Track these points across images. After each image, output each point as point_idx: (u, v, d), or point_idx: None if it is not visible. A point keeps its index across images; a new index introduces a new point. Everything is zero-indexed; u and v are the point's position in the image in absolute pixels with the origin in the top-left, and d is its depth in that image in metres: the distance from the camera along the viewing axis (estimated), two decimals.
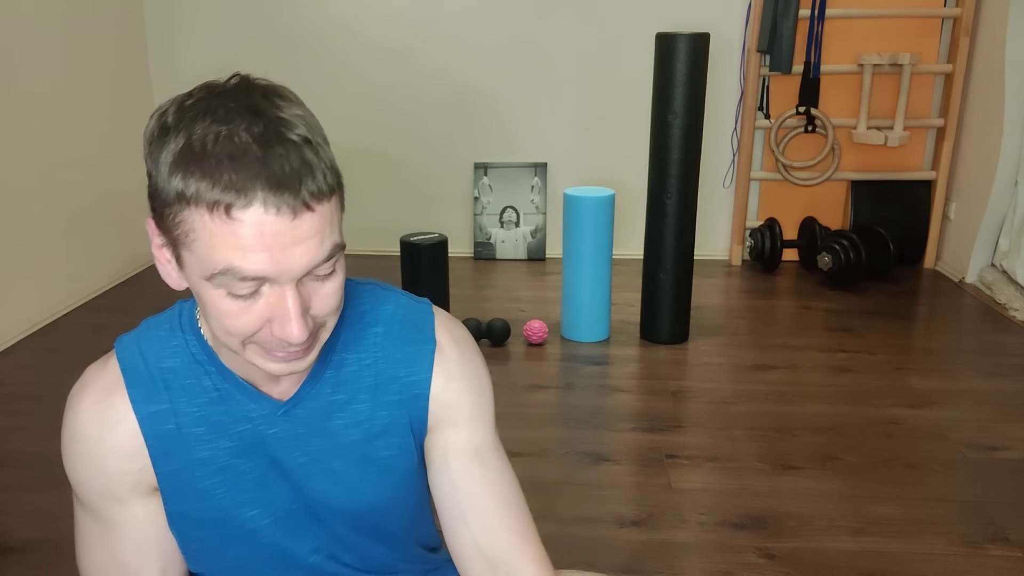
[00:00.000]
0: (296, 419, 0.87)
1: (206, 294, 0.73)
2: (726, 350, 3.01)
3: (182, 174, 0.68)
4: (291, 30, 3.89)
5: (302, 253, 0.70)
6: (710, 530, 1.95)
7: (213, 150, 0.68)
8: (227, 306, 0.72)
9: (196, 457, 0.86)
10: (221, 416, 0.86)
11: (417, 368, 0.89)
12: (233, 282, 0.70)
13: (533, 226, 4.07)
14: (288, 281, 0.71)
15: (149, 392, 0.85)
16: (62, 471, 0.90)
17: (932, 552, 1.87)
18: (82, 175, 3.46)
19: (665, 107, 2.84)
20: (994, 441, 2.35)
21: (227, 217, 0.67)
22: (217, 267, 0.69)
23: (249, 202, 0.67)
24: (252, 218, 0.67)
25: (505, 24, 3.87)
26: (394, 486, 0.92)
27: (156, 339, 0.88)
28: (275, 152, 0.68)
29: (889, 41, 3.74)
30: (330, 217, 0.72)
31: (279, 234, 0.68)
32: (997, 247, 3.59)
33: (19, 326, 3.09)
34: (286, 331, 0.72)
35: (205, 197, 0.67)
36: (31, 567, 1.84)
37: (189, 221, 0.69)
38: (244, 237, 0.68)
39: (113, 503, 0.87)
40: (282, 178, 0.68)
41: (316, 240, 0.71)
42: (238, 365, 0.85)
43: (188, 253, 0.71)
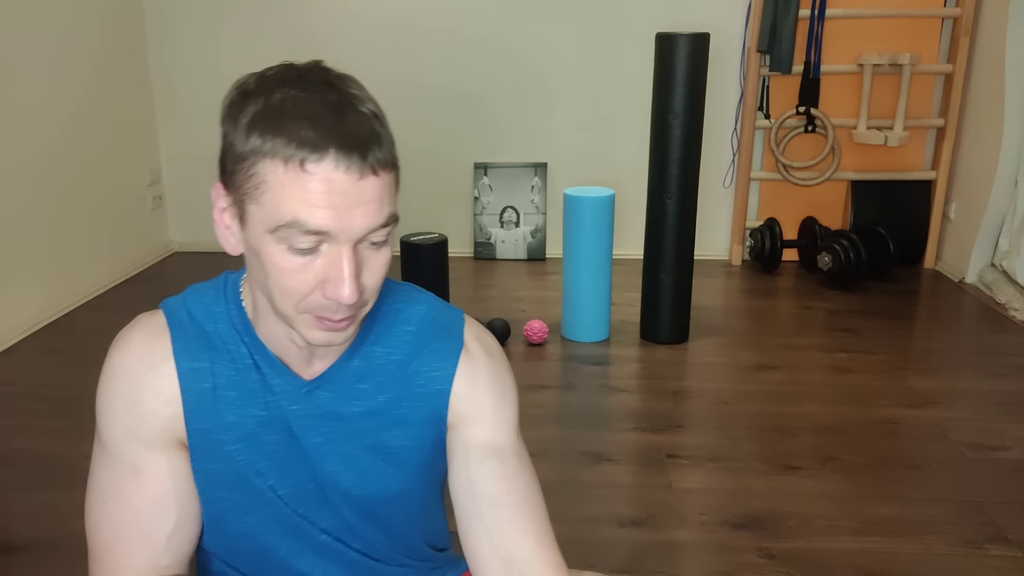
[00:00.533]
0: (317, 400, 0.90)
1: (265, 250, 0.76)
2: (726, 350, 3.01)
3: (260, 130, 0.74)
4: (291, 30, 3.89)
5: (363, 214, 0.74)
6: (710, 530, 1.95)
7: (292, 110, 0.73)
8: (286, 262, 0.76)
9: (225, 420, 0.88)
10: (254, 384, 0.89)
11: (441, 364, 0.92)
12: (296, 235, 0.73)
13: (533, 226, 4.07)
14: (347, 241, 0.75)
15: (192, 348, 0.88)
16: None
17: (932, 552, 1.87)
18: (82, 175, 3.46)
19: (665, 107, 2.84)
20: (994, 441, 2.35)
21: (300, 170, 0.72)
22: (284, 219, 0.73)
23: (322, 157, 0.72)
24: (323, 173, 0.72)
25: (505, 24, 3.87)
26: (403, 477, 0.94)
27: (201, 303, 0.91)
28: (348, 118, 0.74)
29: (889, 41, 3.74)
30: (390, 188, 0.77)
31: (346, 192, 0.73)
32: (997, 247, 3.59)
33: (19, 326, 3.09)
34: (339, 291, 0.75)
35: (281, 151, 0.72)
36: (33, 566, 1.84)
37: (262, 174, 0.74)
38: (313, 191, 0.72)
39: (139, 446, 0.87)
40: (354, 140, 0.73)
41: (376, 204, 0.75)
42: (272, 340, 0.88)
43: (255, 207, 0.75)
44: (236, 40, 3.92)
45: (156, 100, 4.04)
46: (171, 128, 4.07)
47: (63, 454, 2.27)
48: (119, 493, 0.88)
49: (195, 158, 4.10)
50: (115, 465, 0.88)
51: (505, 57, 3.91)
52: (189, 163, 4.11)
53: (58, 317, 3.28)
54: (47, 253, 3.25)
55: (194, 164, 4.11)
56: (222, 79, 3.96)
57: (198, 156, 4.09)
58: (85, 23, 3.48)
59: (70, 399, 2.61)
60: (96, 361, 3.07)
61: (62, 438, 2.36)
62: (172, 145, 4.10)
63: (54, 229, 3.29)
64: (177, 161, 4.11)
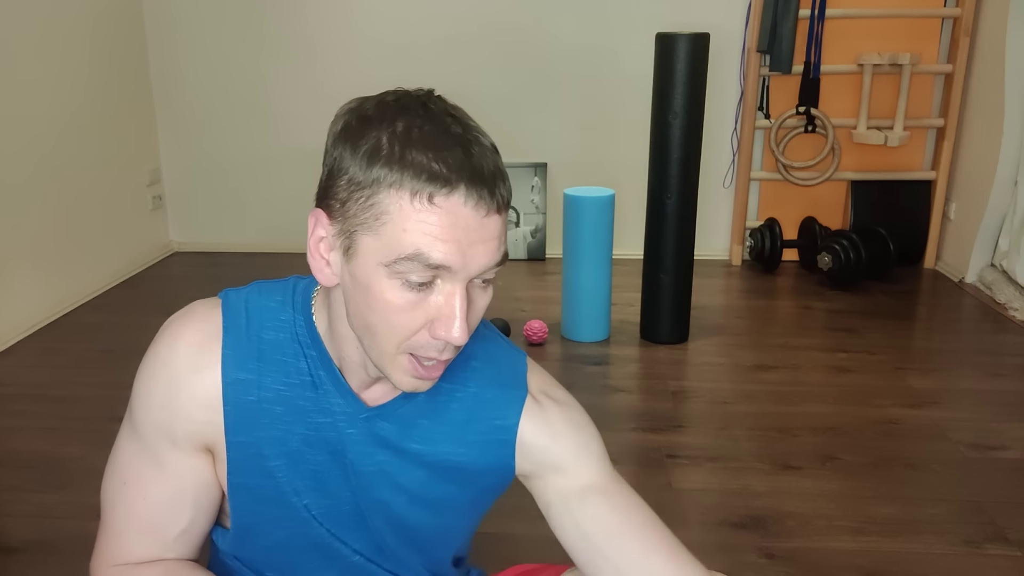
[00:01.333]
0: (376, 428, 0.88)
1: (377, 285, 0.73)
2: (726, 350, 3.01)
3: (385, 160, 0.71)
4: (291, 30, 3.89)
5: (484, 252, 0.73)
6: (710, 530, 1.95)
7: (418, 141, 0.71)
8: (398, 298, 0.73)
9: (268, 434, 0.86)
10: (305, 402, 0.86)
11: (505, 413, 0.89)
12: (415, 269, 0.71)
13: (533, 226, 4.07)
14: (464, 278, 0.73)
15: (242, 358, 0.85)
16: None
17: (932, 552, 1.87)
18: (82, 175, 3.46)
19: (665, 107, 2.84)
20: (994, 441, 2.35)
21: (429, 203, 0.70)
22: (405, 251, 0.71)
23: (451, 192, 0.70)
24: (451, 207, 0.70)
25: (505, 24, 3.87)
26: (455, 518, 0.94)
27: (265, 307, 0.88)
28: (475, 152, 0.72)
29: (889, 41, 3.74)
30: (506, 226, 0.76)
31: (470, 229, 0.71)
32: (997, 247, 3.59)
33: (19, 326, 3.09)
34: (450, 331, 0.73)
35: (409, 183, 0.70)
36: (31, 567, 1.84)
37: (384, 204, 0.71)
38: (439, 225, 0.70)
39: (166, 443, 0.86)
40: (483, 175, 0.71)
41: (496, 243, 0.74)
42: (343, 361, 0.85)
43: (371, 238, 0.72)
44: (236, 40, 3.92)
45: (156, 100, 4.03)
46: (171, 128, 4.07)
47: (62, 455, 2.27)
48: (138, 480, 0.87)
49: (195, 158, 4.10)
50: (140, 450, 0.87)
51: (505, 57, 3.91)
52: (189, 163, 4.11)
53: (58, 317, 3.28)
54: (47, 253, 3.25)
55: (194, 164, 4.11)
56: (222, 79, 3.97)
57: (198, 156, 4.09)
58: (85, 23, 3.48)
59: (69, 400, 2.61)
60: (96, 361, 3.06)
61: (61, 439, 2.36)
62: (172, 145, 4.10)
63: (54, 229, 3.28)
64: (177, 161, 4.11)
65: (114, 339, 3.03)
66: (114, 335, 3.07)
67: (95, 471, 2.14)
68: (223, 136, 4.03)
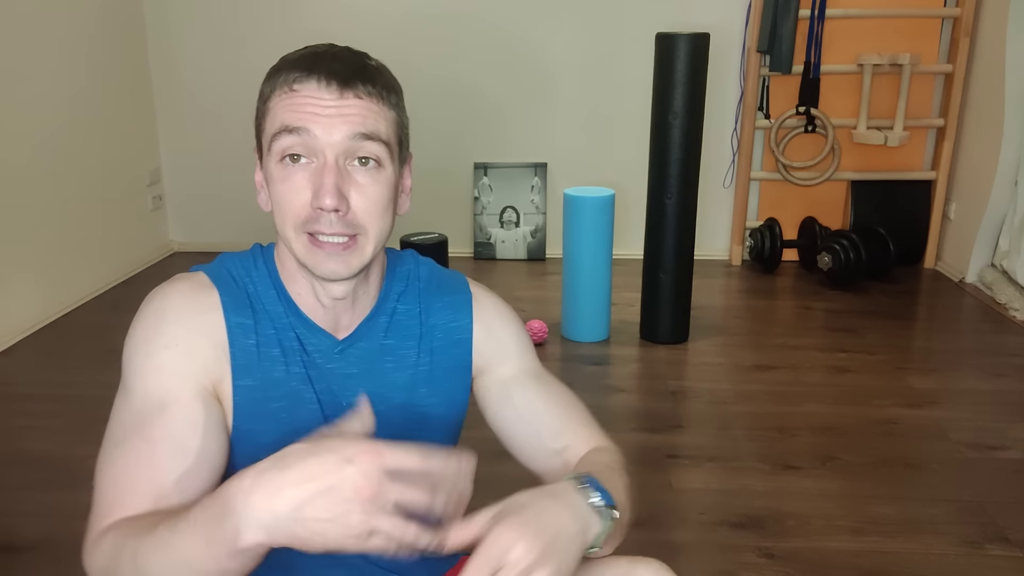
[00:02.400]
0: (350, 358, 0.95)
1: (270, 171, 0.86)
2: (726, 350, 3.01)
3: (270, 76, 0.86)
4: (290, 30, 3.89)
5: (342, 123, 0.82)
6: (710, 530, 1.95)
7: (296, 56, 0.86)
8: (280, 172, 0.84)
9: (271, 376, 0.91)
10: (292, 342, 0.92)
11: (457, 315, 1.00)
12: (284, 140, 0.83)
13: (533, 226, 4.07)
14: (331, 151, 0.82)
15: (238, 304, 0.91)
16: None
17: (932, 552, 1.87)
18: (82, 175, 3.46)
19: (665, 107, 2.84)
20: (994, 441, 2.36)
21: (290, 90, 0.83)
22: (275, 127, 0.83)
23: (309, 76, 0.83)
24: (309, 90, 0.82)
25: (505, 24, 3.87)
26: (428, 437, 0.97)
27: (241, 264, 0.95)
28: (344, 57, 0.85)
29: (889, 41, 3.74)
30: (378, 114, 0.85)
31: (328, 106, 0.82)
32: (997, 247, 3.59)
33: (19, 326, 3.09)
34: (322, 196, 0.82)
35: (279, 82, 0.84)
36: (35, 567, 1.84)
37: (268, 107, 0.85)
38: (300, 104, 0.82)
39: (174, 379, 0.85)
40: (343, 68, 0.83)
41: (359, 119, 0.83)
42: (301, 299, 0.93)
43: (263, 137, 0.86)
44: (236, 40, 3.92)
45: (156, 100, 4.04)
46: (171, 128, 4.07)
47: (63, 454, 2.27)
48: (139, 429, 0.84)
49: (195, 158, 4.10)
50: (139, 408, 0.85)
51: (505, 57, 3.91)
52: (189, 163, 4.11)
53: (58, 317, 3.28)
54: (47, 253, 3.25)
55: (194, 164, 4.11)
56: (222, 79, 3.97)
57: (198, 156, 4.09)
58: (85, 23, 3.48)
59: (70, 399, 2.61)
60: (96, 361, 3.06)
61: (62, 438, 2.36)
62: (172, 145, 4.10)
63: (54, 229, 3.29)
64: (177, 161, 4.11)
65: (114, 339, 3.01)
66: (114, 335, 3.05)
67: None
68: (223, 136, 4.03)
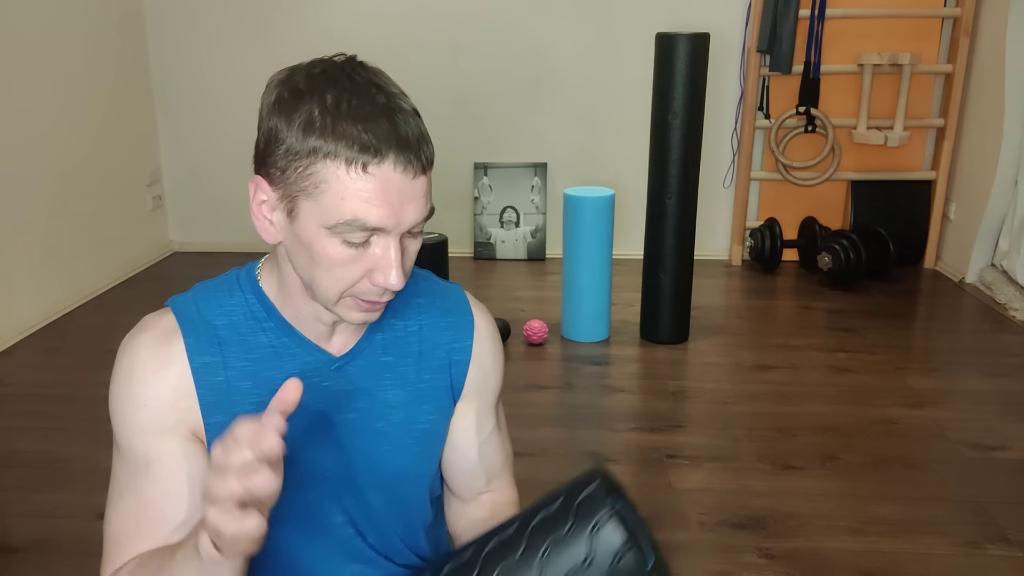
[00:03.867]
0: (348, 375, 0.94)
1: (319, 244, 0.81)
2: (726, 350, 3.01)
3: (319, 132, 0.78)
4: (290, 31, 3.89)
5: (414, 209, 0.81)
6: (710, 530, 1.95)
7: (347, 113, 0.78)
8: (340, 255, 0.81)
9: (242, 410, 0.88)
10: (272, 371, 0.91)
11: (459, 336, 1.00)
12: (353, 231, 0.79)
13: (533, 226, 4.07)
14: (397, 234, 0.81)
15: (203, 344, 0.90)
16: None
17: (932, 552, 1.87)
18: (83, 175, 3.46)
19: (665, 107, 2.84)
20: (994, 441, 2.35)
21: (363, 172, 0.78)
22: (344, 217, 0.78)
23: (382, 160, 0.78)
24: (383, 175, 0.78)
25: (505, 24, 3.87)
26: (427, 454, 0.99)
27: (212, 298, 0.93)
28: (399, 120, 0.80)
29: (889, 41, 3.74)
30: (430, 182, 0.84)
31: (401, 192, 0.79)
32: (997, 247, 3.59)
33: (19, 326, 3.09)
34: (388, 278, 0.81)
35: (343, 153, 0.77)
36: (32, 567, 1.84)
37: (321, 174, 0.78)
38: (372, 191, 0.78)
39: (153, 439, 0.88)
40: (408, 142, 0.79)
41: (424, 200, 0.83)
42: (297, 319, 0.91)
43: (311, 204, 0.79)
44: (236, 41, 3.92)
45: (156, 100, 4.04)
46: (171, 128, 4.07)
47: (63, 454, 2.27)
48: (131, 488, 0.88)
49: (195, 158, 4.10)
50: (129, 464, 0.89)
51: (505, 57, 3.91)
52: (189, 163, 4.11)
53: (58, 317, 3.28)
54: (47, 253, 3.25)
55: (194, 164, 4.11)
56: (222, 79, 3.97)
57: (198, 156, 4.09)
58: (85, 24, 3.48)
59: (70, 399, 2.61)
60: (96, 361, 3.06)
61: (62, 438, 2.36)
62: (172, 145, 4.10)
63: (54, 229, 3.29)
64: (177, 161, 4.11)
65: (114, 339, 3.00)
66: (114, 335, 3.05)
67: (97, 471, 2.14)
68: (223, 136, 4.03)
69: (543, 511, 0.71)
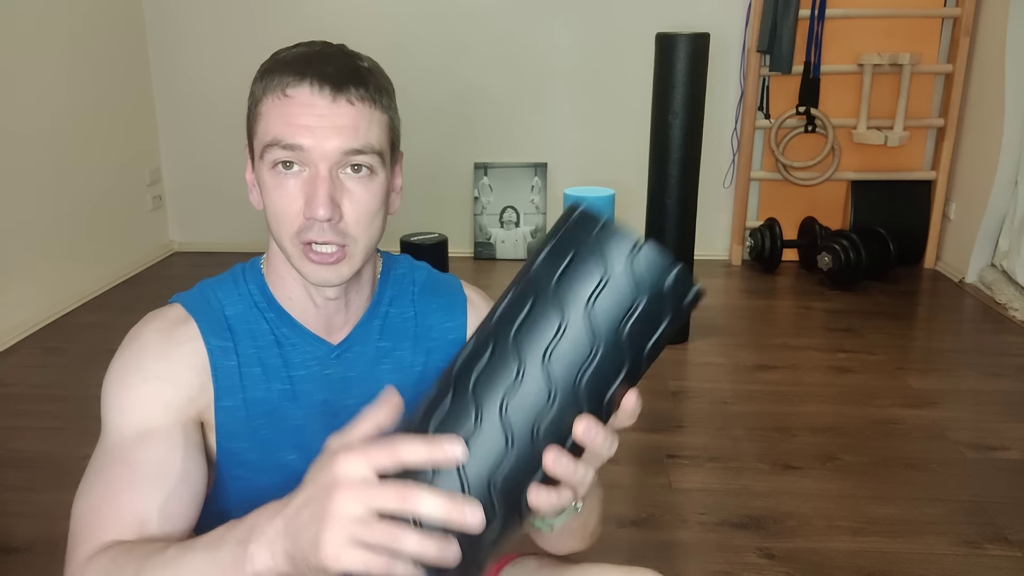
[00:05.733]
0: (347, 362, 0.95)
1: (263, 178, 0.85)
2: (726, 350, 3.01)
3: (261, 76, 0.85)
4: (290, 30, 3.89)
5: (336, 135, 0.81)
6: (710, 530, 1.95)
7: (290, 58, 0.84)
8: (273, 181, 0.83)
9: (252, 396, 0.91)
10: (275, 359, 0.92)
11: (452, 316, 1.00)
12: (278, 151, 0.82)
13: (533, 226, 4.07)
14: (324, 162, 0.81)
15: (216, 328, 0.90)
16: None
17: (932, 552, 1.87)
18: (82, 176, 3.46)
19: (665, 107, 2.84)
20: (994, 441, 2.35)
21: (283, 96, 0.82)
22: (268, 138, 0.82)
23: (301, 82, 0.81)
24: (301, 97, 0.81)
25: (505, 24, 3.87)
26: None
27: (220, 290, 0.94)
28: (335, 59, 0.83)
29: (889, 41, 3.74)
30: (371, 121, 0.83)
31: (322, 116, 0.81)
32: (997, 247, 3.59)
33: (19, 326, 3.09)
34: (315, 206, 0.81)
35: (271, 85, 0.83)
36: (32, 567, 1.84)
37: (260, 111, 0.84)
38: (293, 113, 0.81)
39: (155, 409, 0.84)
40: (334, 73, 0.82)
41: (352, 130, 0.82)
42: (293, 305, 0.93)
43: (255, 141, 0.85)
44: (236, 40, 3.92)
45: (156, 100, 4.04)
46: (171, 128, 4.07)
47: (62, 455, 2.27)
48: (119, 456, 0.83)
49: (195, 158, 4.10)
50: (117, 439, 0.84)
51: (505, 57, 3.91)
52: (189, 163, 4.11)
53: (58, 317, 3.28)
54: (47, 253, 3.25)
55: (194, 164, 4.11)
56: (222, 79, 3.97)
57: (198, 156, 4.09)
58: (85, 23, 3.48)
59: (70, 399, 2.61)
60: (96, 361, 3.06)
61: (61, 439, 2.36)
62: (172, 145, 4.10)
63: (54, 229, 3.29)
64: (177, 161, 4.11)
65: (114, 339, 3.00)
66: (114, 335, 3.05)
67: None
68: (223, 136, 4.03)
69: (536, 260, 0.63)
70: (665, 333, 0.62)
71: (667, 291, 0.60)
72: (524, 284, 0.62)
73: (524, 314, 0.60)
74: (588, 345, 0.59)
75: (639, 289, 0.59)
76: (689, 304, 0.62)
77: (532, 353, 0.59)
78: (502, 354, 0.60)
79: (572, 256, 0.60)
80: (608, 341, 0.59)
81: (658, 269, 0.59)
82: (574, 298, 0.59)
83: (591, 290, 0.59)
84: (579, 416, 0.60)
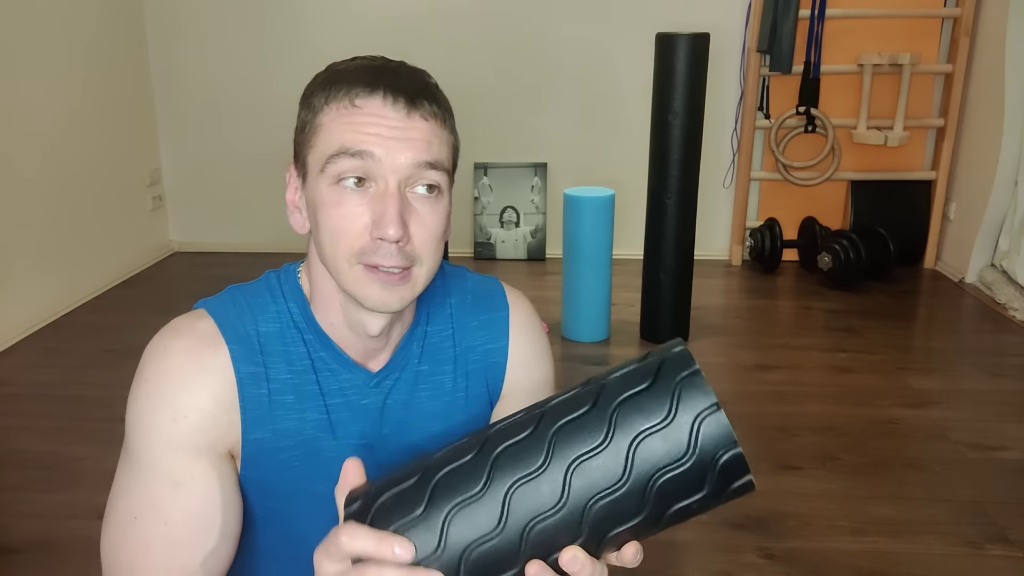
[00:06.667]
0: (386, 390, 0.88)
1: (320, 196, 0.77)
2: (726, 350, 3.01)
3: (322, 87, 0.78)
4: (290, 30, 3.89)
5: (408, 147, 0.76)
6: (710, 530, 1.95)
7: (351, 69, 0.79)
8: (335, 197, 0.76)
9: (282, 426, 0.84)
10: (312, 386, 0.85)
11: (494, 336, 0.93)
12: (343, 162, 0.75)
13: (533, 226, 4.07)
14: (394, 176, 0.76)
15: (248, 352, 0.83)
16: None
17: (932, 552, 1.87)
18: (83, 175, 3.46)
19: (665, 107, 2.84)
20: (994, 441, 2.35)
21: (351, 106, 0.76)
22: (332, 149, 0.76)
23: (372, 94, 0.76)
24: (372, 108, 0.76)
25: (505, 24, 3.87)
26: None
27: (253, 303, 0.86)
28: (407, 74, 0.80)
29: (889, 41, 3.74)
30: (440, 139, 0.79)
31: (394, 127, 0.75)
32: (997, 247, 3.59)
33: (19, 326, 3.09)
34: (384, 226, 0.75)
35: (334, 97, 0.77)
36: (32, 568, 1.84)
37: (322, 122, 0.77)
38: (362, 123, 0.75)
39: (186, 457, 0.79)
40: (405, 85, 0.77)
41: (424, 144, 0.77)
42: (334, 330, 0.86)
43: (312, 155, 0.78)
44: (236, 40, 3.92)
45: (156, 100, 4.03)
46: (171, 128, 4.07)
47: (62, 455, 2.27)
48: (154, 508, 0.79)
49: (195, 158, 4.10)
50: (149, 480, 0.79)
51: (505, 57, 3.91)
52: (189, 163, 4.11)
53: (58, 317, 3.28)
54: (47, 253, 3.25)
55: (194, 164, 4.11)
56: (222, 79, 3.97)
57: (198, 156, 4.09)
58: (85, 23, 3.48)
59: (70, 399, 2.61)
60: (96, 361, 3.04)
61: (62, 439, 2.36)
62: (172, 145, 4.10)
63: (54, 229, 3.29)
64: (177, 161, 4.11)
65: (114, 339, 3.03)
66: (114, 335, 3.07)
67: (98, 471, 2.14)
68: (223, 136, 4.03)
69: (616, 372, 0.63)
70: (696, 505, 0.60)
71: (717, 465, 0.58)
72: (593, 388, 0.61)
73: (575, 416, 0.60)
74: (616, 476, 0.58)
75: (690, 449, 0.57)
76: (734, 490, 0.60)
77: (562, 455, 0.59)
78: (537, 441, 0.59)
79: (648, 385, 0.59)
80: (637, 482, 0.58)
81: (719, 440, 0.57)
82: (627, 425, 0.58)
83: (647, 426, 0.58)
84: (574, 544, 0.59)
